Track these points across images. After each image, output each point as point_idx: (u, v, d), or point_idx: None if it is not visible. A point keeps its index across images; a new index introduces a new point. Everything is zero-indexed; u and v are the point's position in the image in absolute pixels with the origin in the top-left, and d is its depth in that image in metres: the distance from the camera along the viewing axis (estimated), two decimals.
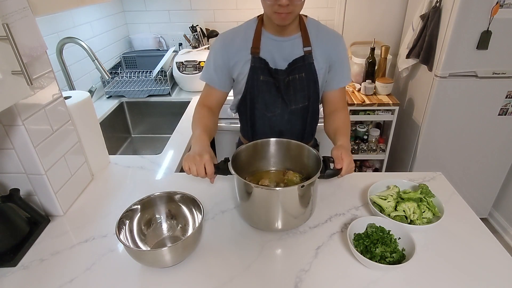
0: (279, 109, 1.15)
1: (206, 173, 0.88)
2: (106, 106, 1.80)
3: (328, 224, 0.94)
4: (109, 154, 1.27)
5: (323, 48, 1.09)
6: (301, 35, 1.08)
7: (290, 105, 1.13)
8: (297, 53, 1.08)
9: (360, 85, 2.11)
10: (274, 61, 1.09)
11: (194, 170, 0.87)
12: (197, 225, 0.82)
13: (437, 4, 1.73)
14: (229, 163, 0.88)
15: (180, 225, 0.92)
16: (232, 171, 0.86)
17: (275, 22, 1.04)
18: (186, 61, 1.96)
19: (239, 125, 2.14)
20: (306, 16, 1.13)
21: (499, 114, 1.86)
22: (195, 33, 2.17)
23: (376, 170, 2.40)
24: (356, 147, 2.22)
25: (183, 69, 1.95)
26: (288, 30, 1.06)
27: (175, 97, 1.96)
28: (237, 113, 1.26)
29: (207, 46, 2.18)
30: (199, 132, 1.01)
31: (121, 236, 0.79)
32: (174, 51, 2.06)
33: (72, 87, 1.51)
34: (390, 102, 1.99)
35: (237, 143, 1.39)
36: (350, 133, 1.10)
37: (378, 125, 2.39)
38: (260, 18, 1.10)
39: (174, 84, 2.09)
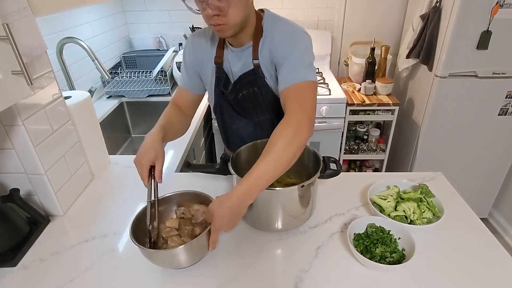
0: (243, 122, 1.10)
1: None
2: (106, 106, 1.80)
3: (328, 224, 0.94)
4: (109, 154, 1.27)
5: (269, 49, 0.93)
6: (252, 44, 0.95)
7: (253, 118, 1.08)
8: (248, 65, 0.97)
9: (360, 85, 2.11)
10: (232, 73, 1.01)
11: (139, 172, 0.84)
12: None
13: (437, 4, 1.73)
14: (229, 163, 0.88)
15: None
16: (232, 171, 0.86)
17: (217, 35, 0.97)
18: None
19: None
20: (263, 11, 0.96)
21: (499, 114, 1.86)
22: None
23: (376, 170, 2.40)
24: (356, 147, 2.22)
25: None
26: (238, 40, 0.95)
27: None
28: None
29: None
30: (153, 129, 0.92)
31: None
32: (174, 51, 2.06)
33: (72, 87, 1.51)
34: (390, 102, 1.99)
35: (223, 153, 1.36)
36: (278, 151, 0.74)
37: (378, 125, 2.40)
38: None
39: (174, 84, 2.08)
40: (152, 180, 0.83)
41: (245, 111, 1.07)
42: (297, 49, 0.88)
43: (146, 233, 0.81)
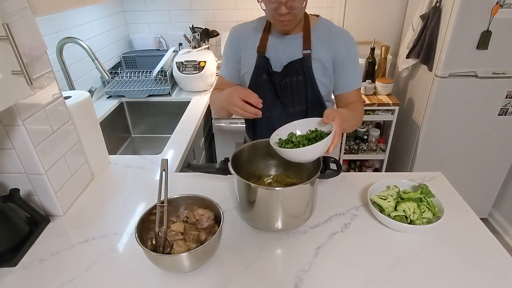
0: (277, 110, 1.15)
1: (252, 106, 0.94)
2: (106, 106, 1.80)
3: (328, 224, 0.94)
4: (109, 154, 1.27)
5: (330, 48, 1.08)
6: (302, 36, 1.08)
7: (288, 108, 1.14)
8: (296, 54, 1.08)
9: None
10: (279, 60, 1.10)
11: (240, 111, 0.95)
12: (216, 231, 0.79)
13: (437, 4, 1.73)
14: (229, 163, 0.88)
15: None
16: (232, 171, 0.86)
17: (278, 28, 1.07)
18: (186, 61, 1.96)
19: (238, 125, 2.14)
20: (317, 16, 1.14)
21: (499, 114, 1.86)
22: (195, 33, 2.17)
23: (376, 170, 2.40)
24: (356, 147, 2.22)
25: (183, 69, 1.95)
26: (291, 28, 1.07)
27: (175, 97, 1.96)
28: None
29: (207, 46, 2.18)
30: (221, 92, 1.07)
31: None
32: (174, 51, 2.06)
33: (72, 87, 1.51)
34: (390, 102, 1.99)
35: (243, 143, 1.39)
36: (357, 120, 1.06)
37: (378, 125, 2.39)
38: None
39: (174, 84, 2.09)
40: (163, 183, 0.83)
41: (284, 98, 1.13)
42: (356, 55, 1.11)
43: (148, 232, 0.82)
